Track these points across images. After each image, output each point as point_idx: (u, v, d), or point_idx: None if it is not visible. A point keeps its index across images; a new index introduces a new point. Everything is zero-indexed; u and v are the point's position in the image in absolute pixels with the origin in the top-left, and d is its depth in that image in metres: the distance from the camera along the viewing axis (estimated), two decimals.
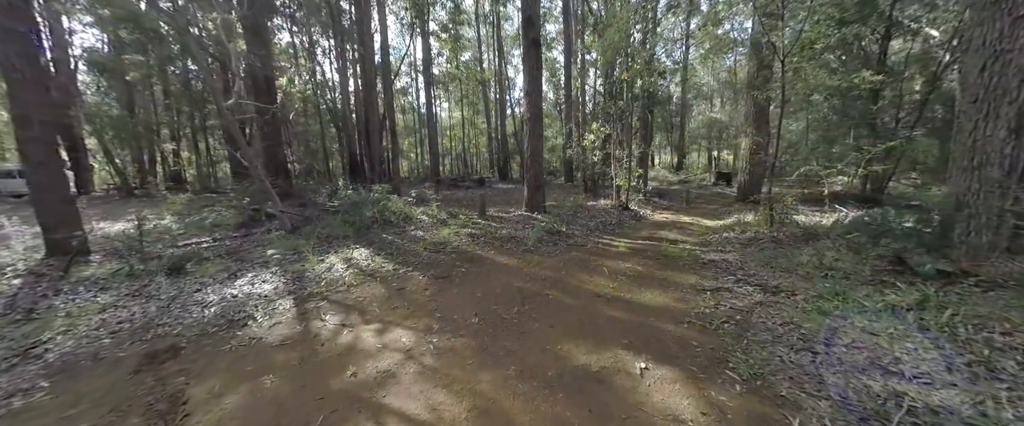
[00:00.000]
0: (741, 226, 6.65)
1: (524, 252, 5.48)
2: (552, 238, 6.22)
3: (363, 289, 4.05)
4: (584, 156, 11.43)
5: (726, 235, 6.05)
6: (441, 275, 4.44)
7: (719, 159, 30.08)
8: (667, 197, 12.58)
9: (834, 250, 4.46)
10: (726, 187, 16.25)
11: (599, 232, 6.90)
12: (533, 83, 7.29)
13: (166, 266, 4.58)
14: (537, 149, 7.58)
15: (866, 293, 3.28)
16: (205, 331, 3.15)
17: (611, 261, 4.95)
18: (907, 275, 3.51)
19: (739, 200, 10.00)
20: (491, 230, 6.75)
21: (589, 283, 4.11)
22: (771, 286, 3.66)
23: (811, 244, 4.87)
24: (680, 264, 4.74)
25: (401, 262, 4.99)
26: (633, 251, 5.49)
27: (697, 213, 9.45)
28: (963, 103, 3.28)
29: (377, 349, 2.77)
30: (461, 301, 3.62)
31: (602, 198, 11.34)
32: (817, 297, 3.31)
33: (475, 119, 30.42)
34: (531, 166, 7.65)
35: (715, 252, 5.15)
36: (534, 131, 7.49)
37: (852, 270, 3.80)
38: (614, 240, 6.29)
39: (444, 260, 5.09)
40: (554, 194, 13.02)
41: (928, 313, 2.74)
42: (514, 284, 4.08)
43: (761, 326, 2.88)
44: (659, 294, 3.72)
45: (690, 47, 24.52)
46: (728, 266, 4.46)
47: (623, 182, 9.25)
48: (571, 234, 6.54)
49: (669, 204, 11.21)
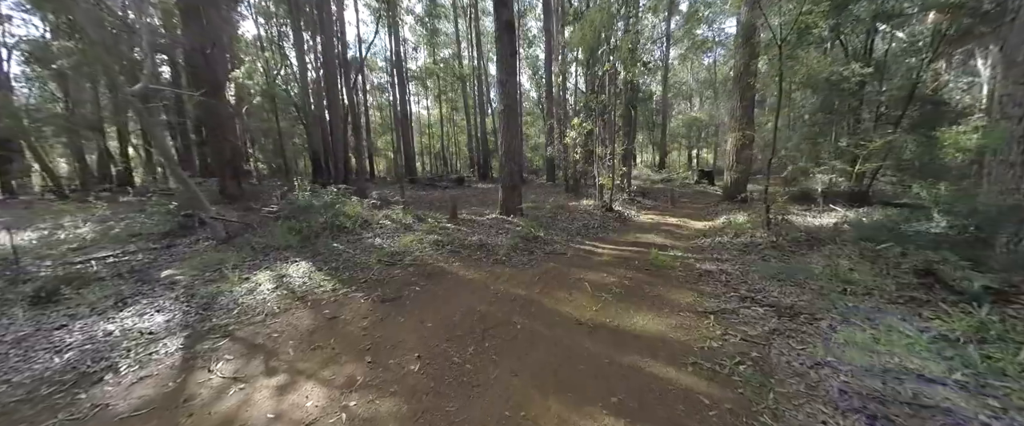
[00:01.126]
0: (733, 228, 6.11)
1: (494, 263, 4.73)
2: (528, 245, 5.48)
3: (286, 319, 3.20)
4: (565, 154, 10.77)
5: (719, 239, 5.47)
6: (389, 297, 3.63)
7: (699, 158, 30.25)
8: (651, 196, 12.09)
9: (846, 259, 3.90)
10: (709, 185, 16.01)
11: (581, 237, 6.22)
12: (507, 71, 6.54)
13: (33, 293, 3.58)
14: (513, 145, 6.84)
15: (900, 316, 2.69)
16: (33, 394, 2.24)
17: (594, 273, 4.26)
18: (940, 291, 2.95)
19: (725, 199, 9.57)
20: (460, 237, 5.96)
21: (567, 303, 3.39)
22: (785, 307, 3.04)
23: (817, 251, 4.32)
24: (673, 276, 4.09)
25: (345, 280, 4.14)
26: (619, 260, 4.82)
27: (684, 213, 8.94)
28: (1008, 85, 2.73)
29: (267, 422, 1.95)
30: (405, 335, 2.83)
31: (585, 198, 10.72)
32: (843, 321, 2.69)
33: (454, 117, 29.47)
34: (506, 164, 6.91)
35: (711, 260, 4.54)
36: (509, 125, 6.74)
37: (874, 285, 3.23)
38: (597, 246, 5.62)
39: (398, 276, 4.27)
40: (534, 195, 12.33)
41: (994, 348, 2.14)
42: (477, 308, 3.32)
43: (786, 368, 2.22)
44: (652, 318, 3.03)
45: (671, 47, 24.50)
46: (728, 279, 3.84)
47: (606, 181, 8.64)
48: (550, 240, 5.82)
49: (654, 204, 10.70)
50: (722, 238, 5.51)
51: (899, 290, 3.11)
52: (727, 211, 8.41)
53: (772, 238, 4.83)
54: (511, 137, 6.81)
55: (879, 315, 2.74)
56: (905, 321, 2.62)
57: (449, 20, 25.20)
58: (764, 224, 5.30)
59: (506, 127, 6.77)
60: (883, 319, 2.65)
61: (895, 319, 2.65)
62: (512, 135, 6.82)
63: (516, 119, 6.88)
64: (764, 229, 5.31)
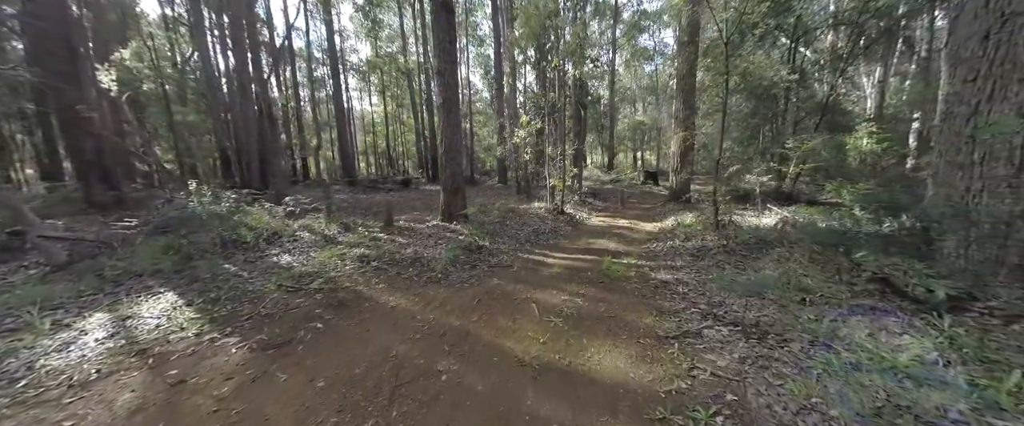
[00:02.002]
0: (683, 230, 5.98)
1: (427, 283, 3.98)
2: (470, 258, 4.81)
3: (101, 390, 2.19)
4: (516, 154, 10.28)
5: (671, 243, 5.25)
6: (276, 341, 2.74)
7: (644, 159, 31.82)
8: (602, 197, 12.06)
9: (796, 263, 3.77)
10: (654, 186, 16.58)
11: (530, 245, 5.69)
12: (446, 59, 5.80)
13: None
14: (454, 143, 6.12)
15: (867, 330, 2.46)
16: None
17: (543, 290, 3.71)
18: (894, 298, 2.82)
19: (671, 200, 9.72)
20: (392, 250, 5.12)
21: (510, 335, 2.79)
22: (749, 324, 2.71)
23: (767, 254, 4.19)
24: (628, 289, 3.68)
25: (222, 317, 3.14)
26: (570, 271, 4.34)
27: (633, 215, 8.87)
28: (955, 83, 2.64)
29: None
30: (280, 407, 2.01)
31: (536, 200, 10.30)
32: (813, 343, 2.40)
33: (402, 115, 27.80)
34: (448, 164, 6.17)
35: (665, 268, 4.23)
36: (450, 120, 6.01)
37: (830, 293, 3.04)
38: (548, 255, 5.11)
39: (299, 307, 3.36)
40: (484, 197, 11.68)
41: (976, 371, 1.91)
42: (393, 350, 2.57)
43: (769, 418, 1.80)
44: (609, 350, 2.53)
45: (616, 54, 25.47)
46: (686, 291, 3.50)
47: (558, 183, 8.26)
48: (496, 250, 5.20)
49: (605, 205, 10.61)
50: (674, 242, 5.30)
51: (854, 297, 2.94)
52: (674, 212, 8.46)
53: (723, 242, 4.67)
54: (452, 134, 6.08)
55: (844, 328, 2.49)
56: (873, 337, 2.38)
57: (394, 13, 23.64)
58: (714, 226, 5.16)
59: (447, 123, 6.03)
60: (851, 335, 2.40)
61: (863, 335, 2.40)
62: (453, 131, 6.10)
63: (457, 114, 6.18)
64: (714, 231, 5.18)
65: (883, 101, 13.89)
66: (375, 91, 27.10)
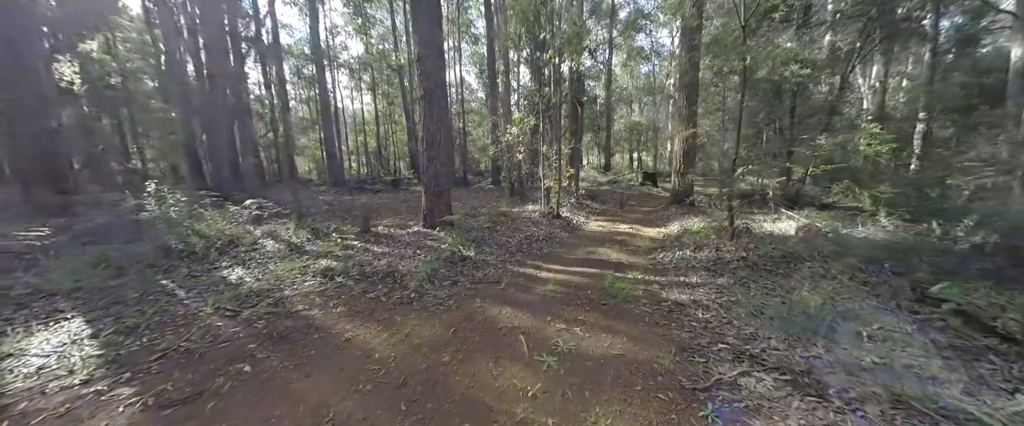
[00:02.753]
0: (692, 238, 5.39)
1: (396, 305, 3.33)
2: (452, 271, 4.16)
3: None
4: (509, 154, 9.65)
5: (681, 253, 4.63)
6: (182, 395, 2.07)
7: (641, 160, 31.41)
8: (599, 199, 11.47)
9: (836, 282, 3.17)
10: (652, 187, 16.07)
11: (522, 254, 5.04)
12: (427, 44, 5.15)
13: None
14: (438, 140, 5.47)
15: (962, 385, 1.85)
16: None
17: (534, 316, 3.08)
18: (974, 334, 2.23)
19: (673, 202, 9.14)
20: (363, 261, 4.46)
21: (491, 385, 2.15)
22: (799, 372, 2.09)
23: (796, 270, 3.59)
24: (637, 314, 3.05)
25: (128, 356, 2.47)
26: (568, 289, 3.70)
27: (634, 218, 8.27)
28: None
29: None
30: None
31: (530, 203, 9.67)
32: (894, 402, 1.78)
33: (394, 113, 27.06)
34: (430, 164, 5.51)
35: (678, 286, 3.61)
36: (433, 114, 5.36)
37: (893, 328, 2.45)
38: (541, 267, 4.48)
39: (232, 340, 2.70)
40: (476, 199, 11.04)
41: None
42: (331, 409, 1.92)
43: None
44: (620, 411, 1.90)
45: (613, 54, 25.10)
46: (707, 318, 2.89)
47: (553, 185, 7.64)
48: (481, 262, 4.55)
49: (603, 208, 10.01)
50: (683, 252, 4.69)
51: (920, 330, 2.34)
52: (678, 216, 7.88)
53: (742, 253, 4.07)
54: (435, 129, 5.43)
55: (931, 386, 1.89)
56: (972, 397, 1.77)
57: (386, 9, 22.91)
58: (729, 234, 4.56)
59: (429, 117, 5.38)
60: (940, 394, 1.79)
61: (956, 394, 1.80)
62: (437, 127, 5.44)
63: (443, 107, 5.53)
64: (729, 240, 4.58)
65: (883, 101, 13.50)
66: (366, 89, 26.38)
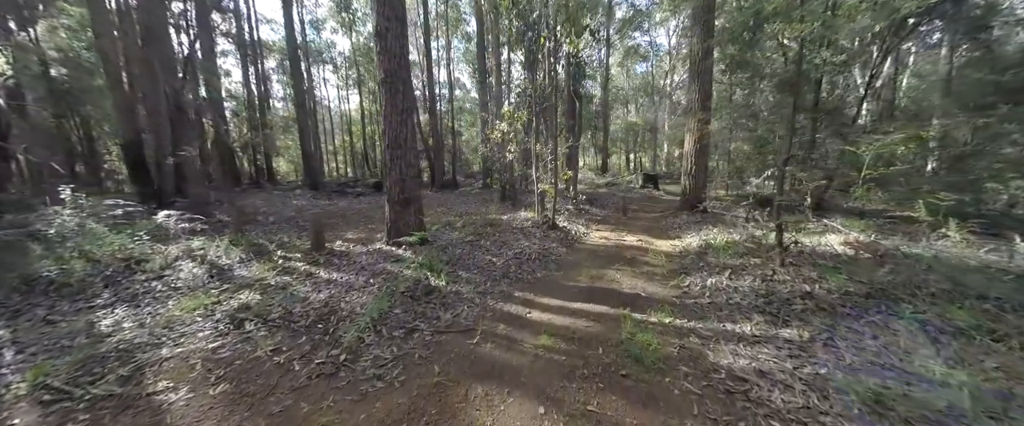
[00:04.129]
0: (719, 255, 4.34)
1: (312, 379, 2.21)
2: (409, 312, 3.04)
3: None
4: (498, 153, 8.56)
5: (713, 280, 3.56)
6: None
7: (639, 162, 30.56)
8: (598, 204, 10.41)
9: (974, 343, 2.12)
10: (654, 190, 15.11)
11: (508, 282, 3.93)
12: (391, 13, 4.04)
13: None
14: (403, 136, 4.35)
15: None
16: None
17: (521, 401, 1.97)
18: None
19: (684, 208, 8.11)
20: (297, 296, 3.33)
21: None
22: None
23: (894, 315, 2.53)
24: (678, 397, 1.97)
25: None
26: (569, 345, 2.61)
27: (641, 227, 7.21)
28: None
29: None
30: None
31: (523, 209, 8.59)
32: None
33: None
34: (393, 165, 4.39)
35: (726, 338, 2.54)
36: (395, 103, 4.25)
37: None
38: (532, 304, 3.37)
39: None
40: (463, 204, 9.94)
41: None
42: None
43: None
44: None
45: (610, 52, 24.37)
46: (790, 408, 1.82)
47: (548, 189, 6.56)
48: (453, 295, 3.44)
49: (603, 214, 8.95)
50: (717, 278, 3.62)
51: None
52: (692, 225, 6.84)
53: (802, 285, 3.01)
54: (400, 123, 4.31)
55: None
56: None
57: None
58: (778, 256, 3.50)
59: (391, 107, 4.26)
60: None
61: None
62: (403, 120, 4.33)
63: (409, 96, 4.42)
64: (777, 261, 3.52)
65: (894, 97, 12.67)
66: (353, 86, 25.15)
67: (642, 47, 28.16)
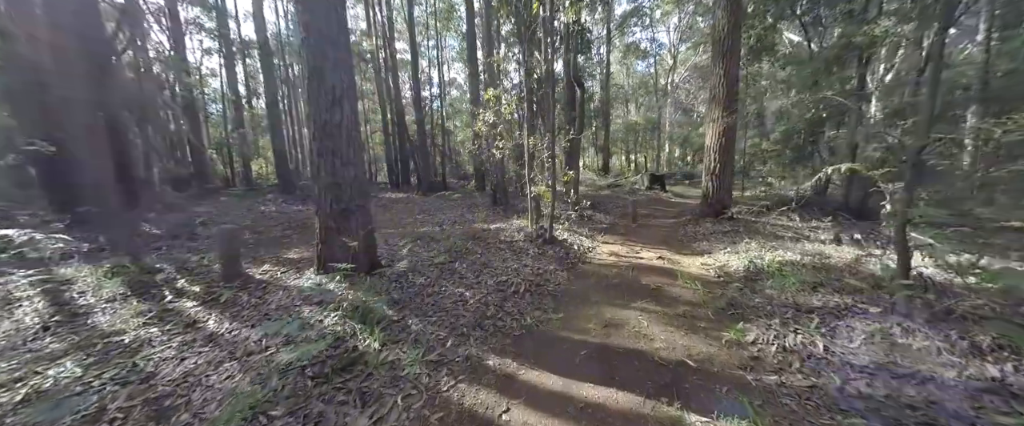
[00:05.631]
0: (777, 284, 3.08)
1: None
2: (301, 411, 1.77)
3: None
4: (485, 149, 7.30)
5: (804, 342, 2.30)
6: None
7: (638, 162, 29.40)
8: (602, 208, 9.13)
9: None
10: (661, 192, 13.89)
11: (482, 335, 2.64)
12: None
13: None
14: (334, 121, 3.09)
15: None
16: None
17: None
18: None
19: (707, 214, 6.82)
20: (143, 370, 2.05)
21: None
22: None
23: None
24: None
25: None
26: None
27: (657, 239, 5.94)
28: None
29: None
30: None
31: (515, 215, 7.32)
32: None
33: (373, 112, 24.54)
34: (326, 171, 3.11)
35: None
36: (322, 83, 2.99)
37: None
38: (512, 383, 2.08)
39: None
40: (449, 211, 8.65)
41: None
42: None
43: None
44: None
45: (610, 50, 23.32)
46: None
47: (544, 192, 5.29)
48: (387, 368, 2.16)
49: (609, 221, 7.67)
50: (799, 333, 2.35)
51: None
52: (721, 236, 5.57)
53: (986, 365, 1.74)
54: (330, 108, 3.05)
55: None
56: None
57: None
58: (902, 296, 2.23)
59: (319, 88, 3.00)
60: None
61: None
62: (334, 106, 3.06)
63: (346, 72, 3.15)
64: (901, 303, 2.24)
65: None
66: None
67: (643, 43, 27.13)
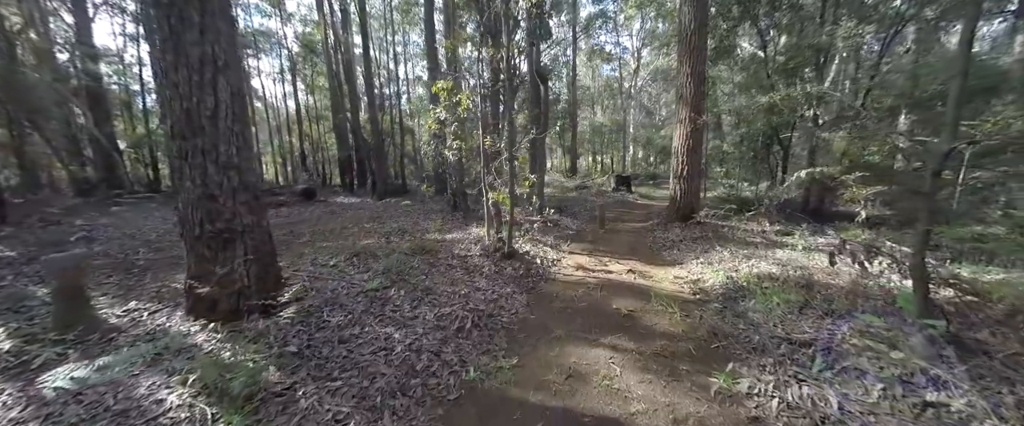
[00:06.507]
0: (761, 305, 2.66)
1: None
2: None
3: None
4: (439, 151, 6.55)
5: (811, 395, 1.83)
6: None
7: (603, 163, 29.74)
8: (569, 212, 8.67)
9: None
10: (627, 193, 13.81)
11: (400, 401, 1.95)
12: None
13: None
14: (205, 107, 2.27)
15: None
16: None
17: None
18: None
19: (675, 219, 6.53)
20: None
21: None
22: None
23: None
24: None
25: None
26: None
27: (626, 247, 5.51)
28: None
29: None
30: None
31: (474, 223, 6.65)
32: None
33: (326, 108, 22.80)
34: (189, 166, 2.29)
35: None
36: (182, 63, 2.17)
37: None
38: None
39: None
40: (403, 218, 7.76)
41: None
42: None
43: None
44: None
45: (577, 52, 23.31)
46: None
47: (503, 199, 4.66)
48: None
49: (577, 227, 7.19)
50: (806, 385, 1.89)
51: None
52: (691, 243, 5.23)
53: None
54: (199, 84, 2.24)
55: None
56: None
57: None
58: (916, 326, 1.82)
59: (175, 58, 2.18)
60: None
61: None
62: (205, 85, 2.26)
63: (209, 29, 2.32)
64: (918, 338, 1.83)
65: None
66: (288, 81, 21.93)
67: (608, 46, 27.57)
